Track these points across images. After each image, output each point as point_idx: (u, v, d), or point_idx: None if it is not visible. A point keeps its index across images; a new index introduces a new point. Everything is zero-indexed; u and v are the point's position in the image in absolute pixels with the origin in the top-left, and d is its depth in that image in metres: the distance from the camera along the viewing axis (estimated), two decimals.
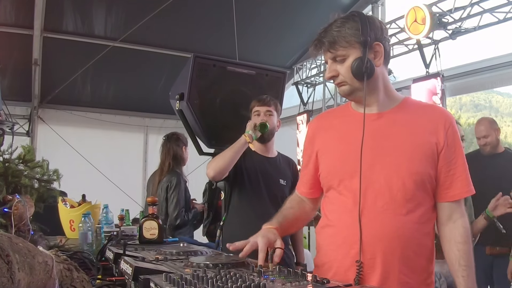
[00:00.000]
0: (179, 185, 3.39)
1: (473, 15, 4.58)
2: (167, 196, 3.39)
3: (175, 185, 3.37)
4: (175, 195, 3.36)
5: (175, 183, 3.38)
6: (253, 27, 6.08)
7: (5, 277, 0.84)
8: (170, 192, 3.38)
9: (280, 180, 2.57)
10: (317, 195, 1.60)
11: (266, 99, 2.59)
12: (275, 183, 2.55)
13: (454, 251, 1.37)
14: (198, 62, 2.81)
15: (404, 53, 5.50)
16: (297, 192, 1.66)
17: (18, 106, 6.41)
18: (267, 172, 2.58)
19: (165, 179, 3.43)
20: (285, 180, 2.59)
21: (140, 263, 1.21)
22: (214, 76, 2.87)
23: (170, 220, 3.35)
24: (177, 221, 3.34)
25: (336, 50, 1.38)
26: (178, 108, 2.85)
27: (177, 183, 3.38)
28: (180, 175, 3.48)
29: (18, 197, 1.54)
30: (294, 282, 0.99)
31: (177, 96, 2.82)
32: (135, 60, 6.38)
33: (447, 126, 1.39)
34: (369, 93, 1.41)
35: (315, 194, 1.59)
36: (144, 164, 7.17)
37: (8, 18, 5.48)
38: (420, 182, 1.36)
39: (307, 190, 1.61)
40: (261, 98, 2.60)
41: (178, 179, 3.41)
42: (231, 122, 2.89)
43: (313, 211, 1.67)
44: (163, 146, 3.56)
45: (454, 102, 15.54)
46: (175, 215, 3.33)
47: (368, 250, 1.33)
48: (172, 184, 3.37)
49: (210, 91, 2.86)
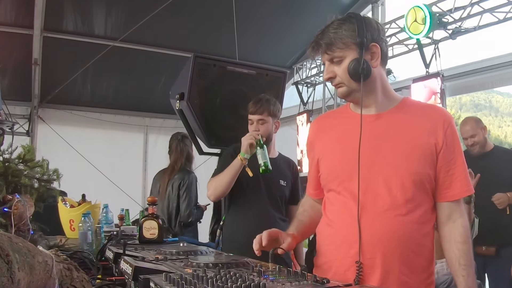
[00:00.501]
0: (192, 184, 3.47)
1: (473, 15, 4.58)
2: (179, 193, 3.44)
3: (188, 183, 3.44)
4: (188, 193, 3.42)
5: (188, 181, 3.45)
6: (253, 27, 6.08)
7: (5, 276, 0.84)
8: (182, 190, 3.44)
9: (280, 181, 2.57)
10: (323, 195, 1.60)
11: (258, 105, 2.51)
12: (275, 183, 2.55)
13: (454, 250, 1.37)
14: (198, 62, 2.82)
15: (404, 53, 5.50)
16: (306, 194, 1.68)
17: (18, 106, 6.39)
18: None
19: (177, 176, 3.49)
20: (285, 181, 2.58)
21: (140, 263, 1.21)
22: (214, 76, 2.87)
23: (182, 217, 3.40)
24: (189, 219, 3.41)
25: (333, 51, 1.38)
26: (178, 108, 2.85)
27: (190, 181, 3.46)
28: (192, 173, 3.54)
29: (18, 197, 1.54)
30: (294, 282, 0.99)
31: (177, 96, 2.82)
32: (135, 60, 6.37)
33: (446, 126, 1.39)
34: (367, 94, 1.41)
35: (321, 195, 1.60)
36: (144, 163, 7.17)
37: (8, 18, 5.48)
38: (419, 183, 1.36)
39: (313, 191, 1.62)
40: (254, 103, 2.53)
41: (190, 177, 3.49)
42: (231, 122, 2.90)
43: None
44: (176, 145, 3.59)
45: (454, 102, 15.53)
46: (188, 213, 3.40)
47: (368, 250, 1.34)
48: (185, 182, 3.44)
49: (210, 91, 2.87)
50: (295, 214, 1.70)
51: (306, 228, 1.61)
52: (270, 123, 2.53)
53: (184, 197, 3.41)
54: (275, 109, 2.55)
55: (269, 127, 2.53)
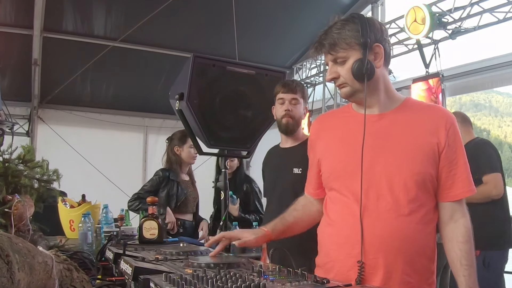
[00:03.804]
0: (152, 179, 3.47)
1: (472, 15, 4.58)
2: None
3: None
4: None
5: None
6: (253, 27, 6.08)
7: (5, 277, 0.84)
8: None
9: (294, 169, 2.54)
10: (324, 195, 1.60)
11: (292, 84, 2.35)
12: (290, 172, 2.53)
13: (456, 250, 1.37)
14: (198, 62, 2.81)
15: (404, 53, 5.51)
16: (305, 193, 1.68)
17: (18, 106, 6.40)
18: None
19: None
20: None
21: (140, 263, 1.21)
22: (213, 76, 2.86)
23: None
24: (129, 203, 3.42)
25: (337, 52, 1.38)
26: (177, 108, 2.84)
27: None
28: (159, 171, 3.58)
29: (18, 197, 1.53)
30: (294, 282, 0.99)
31: (177, 96, 2.81)
32: (135, 60, 6.38)
33: (448, 127, 1.39)
34: (370, 94, 1.41)
35: (321, 195, 1.59)
36: (144, 164, 7.17)
37: (8, 18, 5.48)
38: (421, 183, 1.36)
39: (313, 191, 1.62)
40: (286, 83, 2.36)
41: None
42: (231, 122, 2.89)
43: (321, 213, 1.64)
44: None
45: (454, 102, 15.53)
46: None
47: (370, 250, 1.34)
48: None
49: (210, 91, 2.85)
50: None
51: (286, 228, 1.60)
52: (302, 105, 2.39)
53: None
54: (306, 92, 2.41)
55: (301, 109, 2.38)
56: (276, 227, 1.58)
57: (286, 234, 1.62)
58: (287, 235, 1.61)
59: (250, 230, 1.61)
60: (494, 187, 2.87)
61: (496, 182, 2.90)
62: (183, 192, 3.37)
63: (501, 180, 2.94)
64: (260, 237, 1.52)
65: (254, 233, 1.53)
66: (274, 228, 1.57)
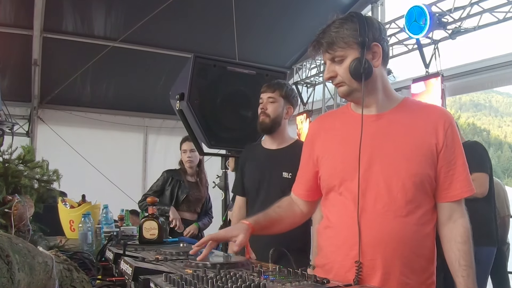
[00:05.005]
0: (158, 179, 3.81)
1: (472, 15, 4.58)
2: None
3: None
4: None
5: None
6: (253, 27, 6.08)
7: (5, 277, 0.84)
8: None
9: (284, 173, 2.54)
10: (314, 198, 1.58)
11: (272, 84, 2.44)
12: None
13: (454, 251, 1.37)
14: (198, 62, 2.81)
15: (403, 53, 5.51)
16: (292, 193, 1.64)
17: (18, 107, 6.40)
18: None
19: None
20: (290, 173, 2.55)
21: (140, 263, 1.21)
22: (214, 76, 2.87)
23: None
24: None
25: (334, 50, 1.38)
26: (178, 108, 2.85)
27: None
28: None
29: (18, 198, 1.53)
30: (294, 282, 0.99)
31: (177, 96, 2.82)
32: (135, 60, 6.37)
33: (446, 127, 1.39)
34: (368, 94, 1.40)
35: (311, 197, 1.58)
36: (143, 164, 7.16)
37: (7, 18, 5.48)
38: (419, 183, 1.35)
39: (304, 192, 1.59)
40: (268, 84, 2.47)
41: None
42: (231, 122, 2.89)
43: (304, 216, 1.63)
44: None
45: (453, 102, 15.55)
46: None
47: (368, 251, 1.33)
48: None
49: (210, 91, 2.86)
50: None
51: (269, 224, 1.54)
52: (280, 104, 2.41)
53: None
54: (288, 91, 2.43)
55: (277, 107, 2.40)
56: (258, 221, 1.50)
57: (267, 231, 1.55)
58: (268, 232, 1.55)
59: (234, 228, 1.49)
60: (479, 186, 2.93)
61: (482, 181, 3.03)
62: (184, 191, 3.50)
63: (487, 181, 3.09)
64: (247, 233, 1.43)
65: (240, 230, 1.42)
66: (256, 222, 1.49)
